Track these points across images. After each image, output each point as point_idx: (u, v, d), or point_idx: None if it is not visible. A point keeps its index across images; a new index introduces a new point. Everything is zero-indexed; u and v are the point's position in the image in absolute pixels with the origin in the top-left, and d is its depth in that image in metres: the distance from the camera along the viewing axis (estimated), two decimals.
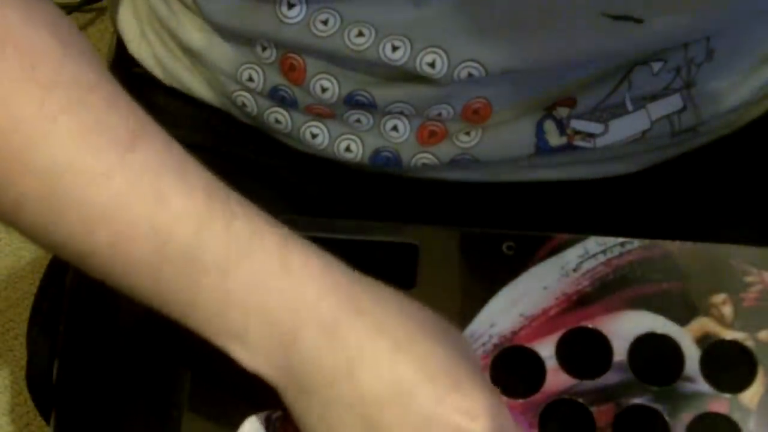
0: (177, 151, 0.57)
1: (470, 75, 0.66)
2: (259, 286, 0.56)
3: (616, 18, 0.64)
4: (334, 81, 0.69)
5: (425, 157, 0.72)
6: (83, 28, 1.53)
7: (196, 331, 0.57)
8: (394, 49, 0.66)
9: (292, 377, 0.56)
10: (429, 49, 0.66)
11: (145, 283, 0.57)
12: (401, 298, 0.59)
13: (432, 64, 0.66)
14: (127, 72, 0.81)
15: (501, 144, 0.71)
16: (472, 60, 0.66)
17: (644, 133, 0.72)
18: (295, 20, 0.67)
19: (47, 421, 0.77)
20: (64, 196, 0.55)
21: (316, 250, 0.58)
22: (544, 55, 0.66)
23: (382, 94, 0.69)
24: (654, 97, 0.71)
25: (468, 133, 0.70)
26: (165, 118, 0.79)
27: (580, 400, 0.64)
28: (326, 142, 0.72)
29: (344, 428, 0.56)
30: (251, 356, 0.57)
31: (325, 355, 0.56)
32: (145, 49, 0.79)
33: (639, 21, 0.65)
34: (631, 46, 0.67)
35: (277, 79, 0.71)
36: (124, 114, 0.57)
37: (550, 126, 0.71)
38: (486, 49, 0.66)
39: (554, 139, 0.71)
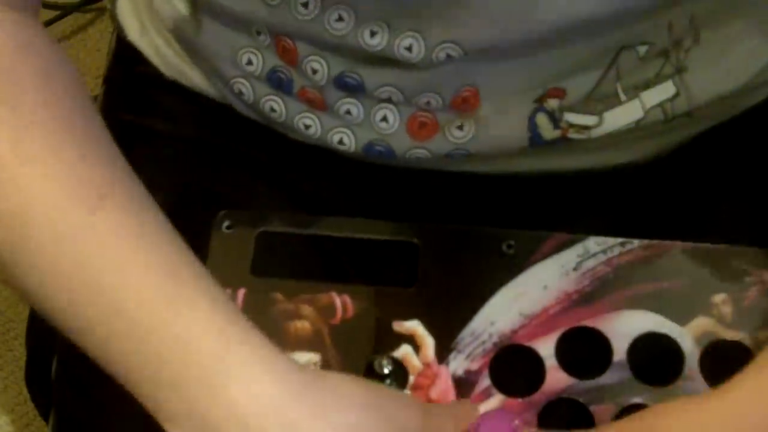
0: (144, 216, 0.57)
1: (449, 56, 0.66)
2: (195, 381, 0.55)
3: None
4: (324, 62, 0.69)
5: (419, 153, 0.72)
6: (83, 28, 1.53)
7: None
8: (372, 34, 0.66)
9: None
10: (406, 33, 0.66)
11: (95, 347, 0.57)
12: (336, 416, 0.57)
13: (409, 48, 0.66)
14: (128, 71, 0.82)
15: (494, 138, 0.71)
16: (449, 41, 0.66)
17: (638, 122, 0.72)
18: (277, 1, 0.67)
19: (47, 420, 0.77)
20: (28, 250, 0.55)
21: (256, 351, 0.56)
22: (518, 26, 0.65)
23: (370, 75, 0.69)
24: (647, 85, 0.71)
25: (461, 128, 0.71)
26: (165, 115, 0.80)
27: (580, 399, 0.65)
28: (318, 133, 0.73)
29: None
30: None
31: None
32: (145, 41, 0.80)
33: None
34: (605, 7, 0.65)
35: (274, 60, 0.71)
36: (96, 165, 0.56)
37: (542, 119, 0.71)
38: (460, 28, 0.65)
39: (548, 132, 0.71)
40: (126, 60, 0.82)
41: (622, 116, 0.71)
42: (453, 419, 0.62)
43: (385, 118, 0.71)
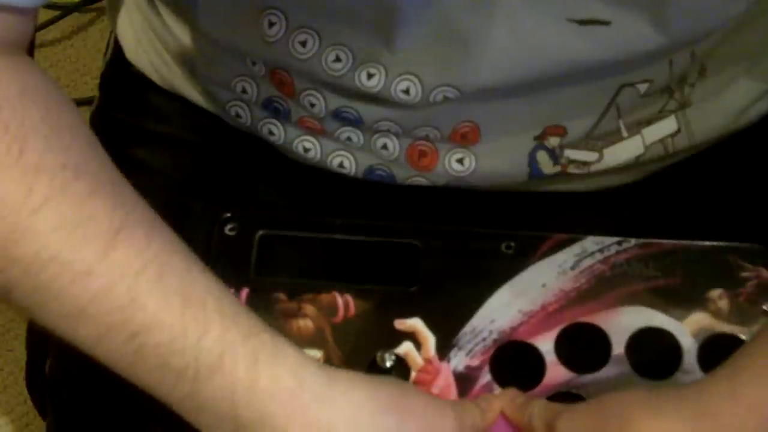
0: (157, 245, 0.57)
1: (446, 98, 0.66)
2: (229, 399, 0.57)
3: (582, 22, 0.63)
4: (321, 97, 0.69)
5: (419, 180, 0.72)
6: (83, 28, 1.53)
7: None
8: (370, 76, 0.66)
9: None
10: (403, 77, 0.66)
11: (124, 373, 0.58)
12: (377, 418, 0.59)
13: (407, 91, 0.66)
14: (124, 72, 0.81)
15: (494, 173, 0.71)
16: (446, 85, 0.66)
17: (637, 158, 0.72)
18: (275, 38, 0.67)
19: (45, 419, 0.77)
20: (48, 290, 0.55)
21: (289, 365, 0.58)
22: (516, 68, 0.65)
23: (368, 111, 0.69)
24: (649, 121, 0.71)
25: (461, 162, 0.71)
26: (161, 117, 0.80)
27: (580, 393, 0.65)
28: (318, 156, 0.73)
29: None
30: None
31: None
32: (141, 56, 0.80)
33: (606, 23, 0.63)
34: (602, 50, 0.65)
35: (270, 90, 0.71)
36: (107, 203, 0.56)
37: (543, 156, 0.71)
38: (458, 72, 0.65)
39: (548, 168, 0.71)
40: (122, 60, 0.81)
41: (622, 152, 0.71)
42: (480, 414, 0.62)
43: (385, 146, 0.71)
